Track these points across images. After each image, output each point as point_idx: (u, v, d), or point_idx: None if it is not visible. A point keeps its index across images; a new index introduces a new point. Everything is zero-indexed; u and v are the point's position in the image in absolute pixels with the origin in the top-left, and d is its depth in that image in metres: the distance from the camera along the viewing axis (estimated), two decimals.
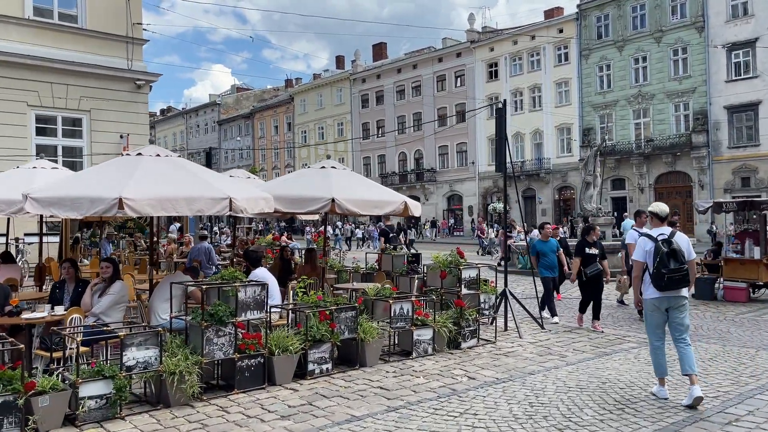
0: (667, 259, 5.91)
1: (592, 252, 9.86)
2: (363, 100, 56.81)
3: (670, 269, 5.88)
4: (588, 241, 9.98)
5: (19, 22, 18.73)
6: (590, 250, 9.87)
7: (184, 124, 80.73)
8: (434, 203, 51.49)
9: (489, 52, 47.84)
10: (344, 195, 8.21)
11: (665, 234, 6.09)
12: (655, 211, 6.34)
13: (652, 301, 6.14)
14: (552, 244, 10.90)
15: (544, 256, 10.77)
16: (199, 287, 6.37)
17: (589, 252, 9.86)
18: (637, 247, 6.29)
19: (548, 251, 10.78)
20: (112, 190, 6.35)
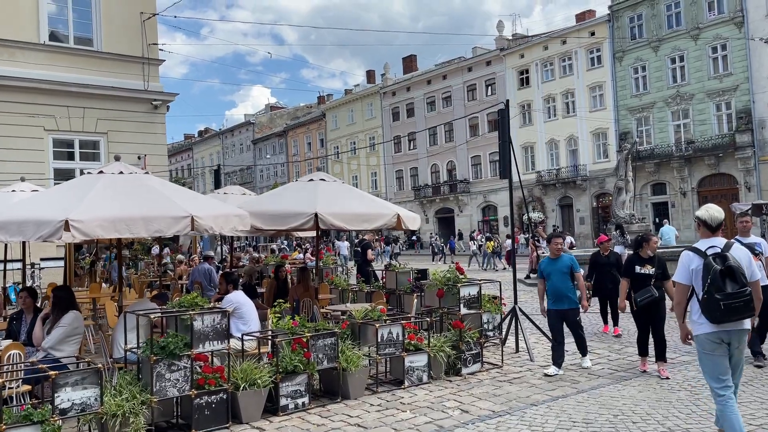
0: (722, 280, 4.49)
1: (644, 271, 7.40)
2: (394, 113, 56.34)
3: (727, 294, 4.47)
4: (640, 257, 7.56)
5: (34, 47, 18.81)
6: (642, 269, 7.43)
7: (220, 145, 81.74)
8: (468, 214, 50.46)
9: (519, 59, 46.82)
10: (329, 209, 7.55)
11: (717, 247, 4.67)
12: (704, 218, 4.82)
13: (706, 338, 4.65)
14: (563, 263, 7.75)
15: (549, 281, 7.82)
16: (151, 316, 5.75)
17: (640, 272, 7.43)
18: (680, 266, 4.80)
19: (556, 272, 7.75)
20: (58, 212, 5.84)
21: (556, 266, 7.77)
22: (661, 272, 7.41)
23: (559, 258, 7.84)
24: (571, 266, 7.75)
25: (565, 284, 7.67)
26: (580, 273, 7.82)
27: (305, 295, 8.95)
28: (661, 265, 7.45)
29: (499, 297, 9.09)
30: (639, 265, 7.50)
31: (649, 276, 7.40)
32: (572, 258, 7.93)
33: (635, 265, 7.54)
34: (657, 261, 7.48)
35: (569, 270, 7.73)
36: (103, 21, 20.01)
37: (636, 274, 7.49)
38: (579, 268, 7.82)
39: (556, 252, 7.92)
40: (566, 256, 7.93)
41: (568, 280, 7.70)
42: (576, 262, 7.87)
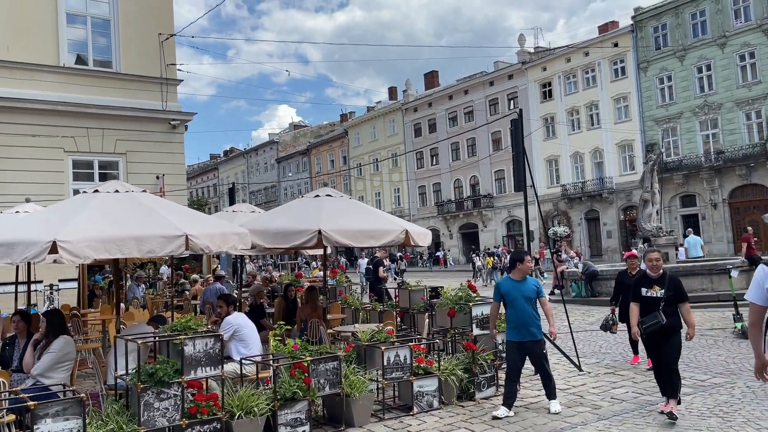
0: None
1: (651, 294, 6.32)
2: (416, 128, 56.16)
3: None
4: (648, 278, 6.47)
5: (54, 70, 18.97)
6: (648, 292, 6.35)
7: (245, 164, 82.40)
8: (493, 230, 49.80)
9: (541, 72, 46.34)
10: (333, 226, 7.23)
11: None
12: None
13: None
14: (528, 288, 6.67)
15: (512, 307, 6.67)
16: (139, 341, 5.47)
17: (647, 294, 6.36)
18: (753, 283, 4.15)
19: (519, 298, 6.60)
20: (47, 232, 5.62)
21: (521, 290, 6.65)
22: (673, 294, 6.24)
23: (525, 281, 6.74)
24: (537, 291, 6.74)
25: (529, 312, 6.58)
26: (545, 298, 6.95)
27: (313, 315, 8.62)
28: (672, 286, 6.28)
29: None
30: (645, 287, 6.42)
31: (656, 300, 6.27)
32: (537, 282, 6.97)
33: (641, 287, 6.48)
34: (668, 281, 6.30)
35: (535, 295, 6.70)
36: (122, 42, 20.15)
37: (642, 298, 6.42)
38: (544, 294, 6.95)
39: (524, 273, 6.77)
40: (532, 280, 6.89)
41: (534, 306, 6.68)
42: (541, 287, 6.92)
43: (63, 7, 19.47)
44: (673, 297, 6.26)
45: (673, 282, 6.34)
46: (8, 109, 17.87)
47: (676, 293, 6.27)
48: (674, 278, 6.40)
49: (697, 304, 14.73)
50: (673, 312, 6.25)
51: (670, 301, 6.25)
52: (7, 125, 17.83)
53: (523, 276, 6.76)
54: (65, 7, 19.51)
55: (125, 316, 10.96)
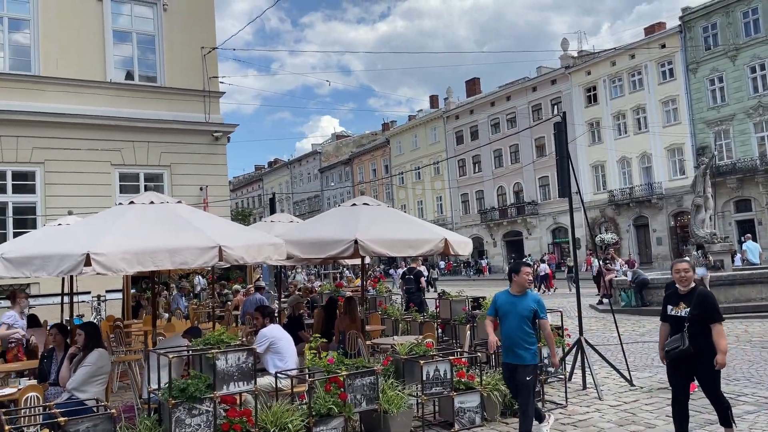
0: None
1: (676, 313, 5.39)
2: (457, 136, 55.76)
3: None
4: (676, 293, 5.49)
5: (101, 85, 19.44)
6: (674, 310, 5.43)
7: (288, 174, 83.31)
8: (538, 237, 48.91)
9: (586, 76, 45.41)
10: (369, 235, 7.03)
11: None
12: None
13: None
14: (526, 304, 5.74)
15: (502, 323, 5.89)
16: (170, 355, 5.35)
17: (672, 313, 5.45)
18: None
19: (513, 314, 5.76)
20: (81, 245, 5.58)
21: (517, 306, 5.76)
22: (699, 313, 5.23)
23: (523, 296, 5.81)
24: (535, 310, 5.74)
25: (522, 331, 5.68)
26: (546, 320, 5.89)
27: (351, 327, 8.42)
28: (700, 304, 5.26)
29: (561, 327, 8.30)
30: (672, 304, 5.47)
31: (680, 319, 5.32)
32: (539, 299, 5.91)
33: (668, 304, 5.54)
34: (696, 298, 5.30)
35: (532, 314, 5.74)
36: (166, 57, 20.54)
37: (668, 317, 5.51)
38: (545, 314, 5.86)
39: (522, 286, 5.82)
40: (532, 296, 5.88)
41: (528, 326, 5.72)
42: (543, 305, 5.87)
43: (110, 24, 19.96)
44: (699, 316, 5.24)
45: (700, 298, 5.31)
46: (58, 124, 18.35)
47: (703, 312, 5.24)
48: (704, 294, 5.43)
49: (755, 314, 14.05)
50: (701, 333, 5.22)
51: (696, 320, 5.24)
52: (56, 140, 18.31)
53: (521, 290, 5.82)
54: (112, 25, 20.03)
55: (166, 327, 11.00)
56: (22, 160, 18.03)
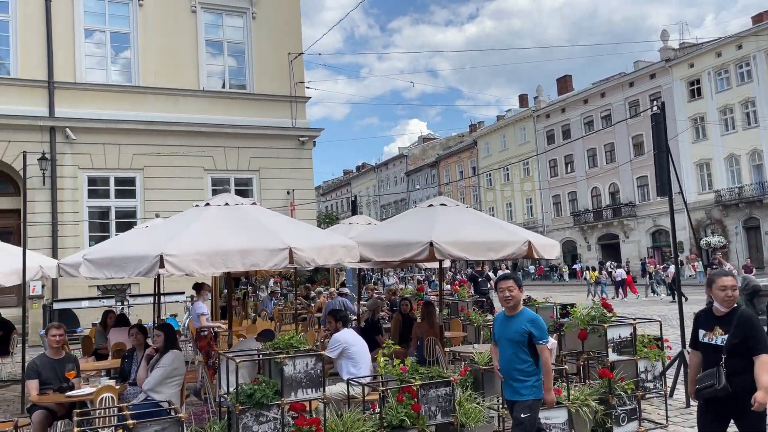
0: None
1: (708, 340, 4.23)
2: (548, 135, 54.04)
3: None
4: (713, 314, 4.25)
5: (195, 94, 20.22)
6: (707, 336, 4.25)
7: (376, 178, 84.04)
8: (636, 240, 46.49)
9: (688, 69, 42.72)
10: (445, 237, 6.69)
11: None
12: None
13: None
14: (517, 326, 4.67)
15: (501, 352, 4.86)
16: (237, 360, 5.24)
17: (703, 340, 4.28)
18: None
19: (503, 340, 4.79)
20: (156, 247, 5.61)
21: (508, 330, 4.71)
22: (739, 342, 4.00)
23: (515, 317, 4.71)
24: (528, 333, 4.58)
25: (516, 360, 4.64)
26: (544, 344, 4.61)
27: (429, 333, 8.09)
28: (742, 328, 4.02)
29: (660, 338, 7.59)
30: (705, 329, 4.27)
31: (715, 349, 4.14)
32: (535, 318, 4.68)
33: (699, 328, 4.34)
34: (737, 321, 4.06)
35: (525, 338, 4.59)
36: (255, 64, 21.09)
37: (700, 344, 4.32)
38: (545, 337, 4.63)
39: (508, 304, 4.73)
40: (527, 314, 4.71)
41: (524, 352, 4.61)
42: (541, 325, 4.64)
43: (203, 35, 20.74)
44: (739, 346, 4.00)
45: (742, 322, 4.04)
46: (155, 132, 19.25)
47: (745, 339, 4.00)
48: (747, 316, 4.08)
49: None
50: (742, 369, 3.99)
51: (736, 351, 4.01)
52: (154, 147, 19.20)
53: (513, 309, 4.74)
54: (205, 35, 20.79)
55: (249, 329, 11.10)
56: (123, 166, 19.03)
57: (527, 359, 4.63)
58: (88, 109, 18.39)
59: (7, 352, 11.06)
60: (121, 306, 16.70)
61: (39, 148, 17.59)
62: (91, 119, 18.33)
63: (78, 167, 18.34)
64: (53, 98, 18.09)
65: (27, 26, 18.08)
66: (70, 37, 18.58)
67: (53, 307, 16.69)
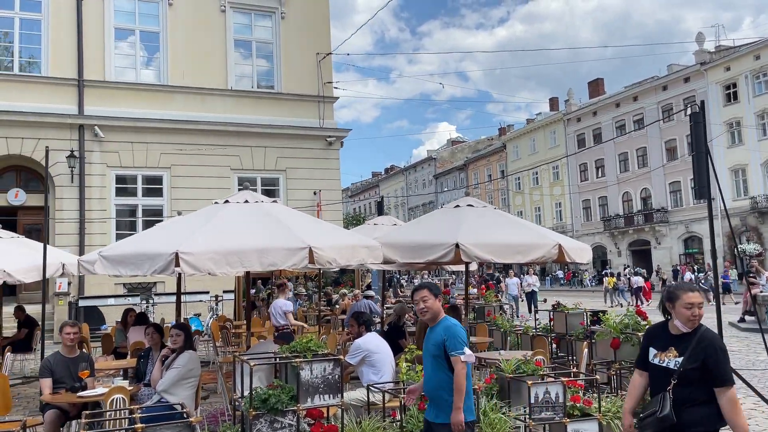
0: None
1: (660, 362, 3.53)
2: (579, 139, 53.19)
3: None
4: (666, 332, 3.60)
5: (223, 93, 20.23)
6: (657, 357, 3.56)
7: (404, 180, 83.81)
8: (668, 247, 45.43)
9: (724, 73, 41.62)
10: (472, 239, 6.43)
11: None
12: None
13: None
14: (435, 337, 4.12)
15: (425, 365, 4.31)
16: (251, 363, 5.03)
17: (654, 361, 3.58)
18: None
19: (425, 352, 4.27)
20: (172, 244, 5.45)
21: (427, 342, 4.19)
22: (696, 368, 3.34)
23: (435, 327, 4.15)
24: (443, 344, 4.00)
25: (434, 375, 4.09)
26: (458, 356, 3.93)
27: None
28: (702, 352, 3.35)
29: None
30: (657, 348, 3.57)
31: (665, 373, 3.46)
32: (451, 326, 4.05)
33: (650, 347, 3.63)
34: (697, 343, 3.38)
35: (441, 350, 4.01)
36: (283, 64, 21.05)
37: (649, 366, 3.63)
38: (460, 347, 3.95)
39: (424, 316, 4.20)
40: (444, 323, 4.10)
41: (443, 367, 4.02)
42: (456, 333, 4.00)
43: (231, 35, 20.75)
44: (695, 372, 3.34)
45: (704, 345, 3.36)
46: (183, 131, 19.30)
47: (704, 366, 3.33)
48: (710, 338, 3.40)
49: None
50: (695, 400, 3.33)
51: (690, 378, 3.34)
52: (181, 145, 19.25)
53: (432, 321, 4.15)
54: (233, 35, 20.81)
55: (270, 330, 10.95)
56: (151, 164, 19.11)
57: (447, 375, 3.99)
58: (117, 107, 18.51)
59: (30, 349, 11.08)
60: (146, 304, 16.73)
61: (68, 145, 17.76)
62: (120, 117, 18.44)
63: (106, 165, 18.46)
64: (83, 96, 18.24)
65: (58, 25, 18.28)
66: (100, 36, 18.73)
67: (79, 304, 16.79)
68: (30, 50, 18.46)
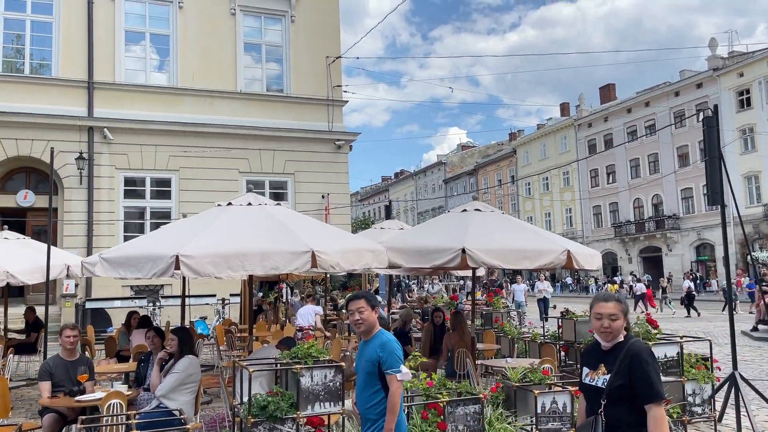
0: None
1: (592, 381, 3.22)
2: (590, 145, 52.86)
3: None
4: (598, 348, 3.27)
5: (232, 96, 20.21)
6: (589, 377, 3.26)
7: (414, 185, 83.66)
8: (679, 254, 44.99)
9: (738, 79, 41.24)
10: (479, 244, 6.30)
11: None
12: None
13: None
14: (370, 352, 3.73)
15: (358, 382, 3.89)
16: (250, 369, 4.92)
17: (585, 381, 3.30)
18: None
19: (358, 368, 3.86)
20: (172, 247, 5.37)
21: (361, 357, 3.83)
22: (623, 384, 3.03)
23: (370, 341, 3.78)
24: (378, 360, 3.65)
25: (366, 393, 3.74)
26: (394, 374, 3.62)
27: (460, 344, 7.67)
28: (628, 368, 3.05)
29: (710, 358, 7.03)
30: (589, 366, 3.31)
31: (595, 392, 3.20)
32: (387, 342, 3.68)
33: (584, 365, 3.37)
34: (622, 358, 3.09)
35: (375, 367, 3.66)
36: (292, 67, 21.01)
37: (582, 386, 3.38)
38: (396, 365, 3.63)
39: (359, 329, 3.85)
40: (379, 338, 3.74)
41: (376, 385, 3.68)
42: (391, 350, 3.65)
43: (241, 38, 20.74)
44: (624, 390, 3.04)
45: (629, 359, 3.07)
46: (192, 133, 19.27)
47: (631, 383, 3.03)
48: (635, 352, 3.08)
49: None
50: (628, 423, 3.06)
51: (619, 397, 3.05)
52: (190, 148, 19.22)
53: (367, 334, 3.80)
54: (243, 38, 20.80)
55: (276, 334, 10.85)
56: (159, 167, 19.10)
57: (380, 394, 3.67)
58: (126, 109, 18.52)
59: (36, 351, 11.04)
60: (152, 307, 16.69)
61: (77, 147, 17.78)
62: (129, 120, 18.45)
63: (115, 167, 18.47)
64: (92, 99, 18.27)
65: (69, 28, 18.33)
66: (110, 38, 18.77)
67: (86, 306, 16.78)
68: (41, 52, 18.54)
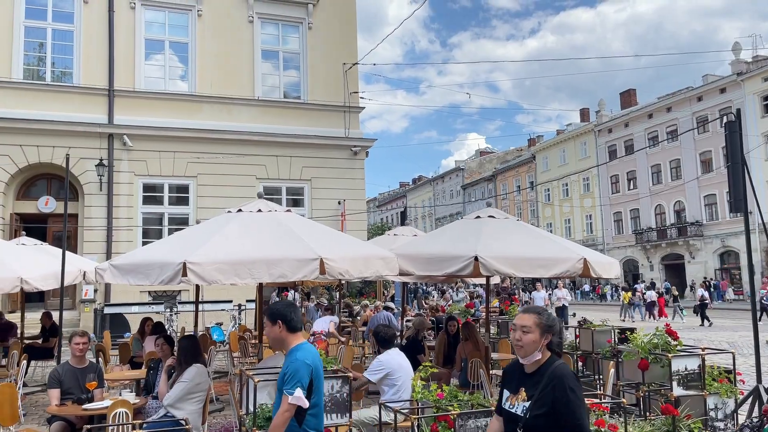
0: None
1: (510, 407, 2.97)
2: (610, 151, 52.29)
3: None
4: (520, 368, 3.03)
5: (249, 102, 20.30)
6: (509, 401, 3.00)
7: (432, 191, 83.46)
8: (702, 261, 44.23)
9: (762, 83, 40.54)
10: (492, 252, 6.16)
11: None
12: None
13: None
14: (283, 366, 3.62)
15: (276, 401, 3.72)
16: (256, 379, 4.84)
17: (506, 405, 3.02)
18: None
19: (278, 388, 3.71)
20: (180, 254, 5.32)
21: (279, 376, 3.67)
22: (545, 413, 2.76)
23: (286, 357, 3.65)
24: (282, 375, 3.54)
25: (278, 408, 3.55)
26: (286, 395, 3.42)
27: (474, 354, 7.52)
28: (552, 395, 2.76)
29: (733, 370, 6.81)
30: (510, 389, 3.04)
31: (513, 419, 2.92)
32: (292, 362, 3.50)
33: (504, 387, 3.11)
34: (545, 383, 2.80)
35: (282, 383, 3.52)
36: (309, 74, 21.06)
37: (500, 410, 3.12)
38: (290, 385, 3.42)
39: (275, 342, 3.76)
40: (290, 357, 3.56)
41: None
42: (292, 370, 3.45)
43: (259, 45, 20.85)
44: (543, 420, 2.75)
45: (551, 385, 2.77)
46: (210, 140, 19.38)
47: (554, 412, 2.73)
48: (559, 376, 2.78)
49: None
50: None
51: (539, 427, 2.76)
52: (208, 155, 19.32)
53: (280, 348, 3.67)
54: (261, 45, 20.90)
55: None
56: (178, 173, 19.23)
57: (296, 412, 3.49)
58: (146, 116, 18.68)
59: (53, 356, 11.09)
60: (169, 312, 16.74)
61: (97, 154, 17.96)
62: (148, 127, 18.61)
63: (134, 174, 18.62)
64: (113, 106, 18.46)
65: (90, 36, 18.56)
66: (131, 46, 18.97)
67: (104, 311, 16.89)
68: (62, 60, 18.78)
